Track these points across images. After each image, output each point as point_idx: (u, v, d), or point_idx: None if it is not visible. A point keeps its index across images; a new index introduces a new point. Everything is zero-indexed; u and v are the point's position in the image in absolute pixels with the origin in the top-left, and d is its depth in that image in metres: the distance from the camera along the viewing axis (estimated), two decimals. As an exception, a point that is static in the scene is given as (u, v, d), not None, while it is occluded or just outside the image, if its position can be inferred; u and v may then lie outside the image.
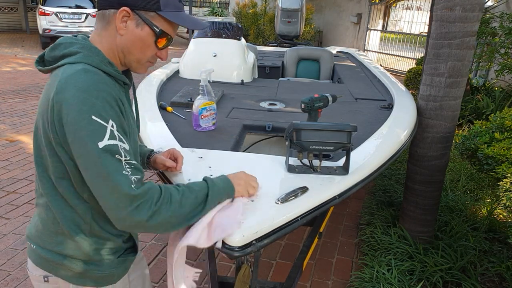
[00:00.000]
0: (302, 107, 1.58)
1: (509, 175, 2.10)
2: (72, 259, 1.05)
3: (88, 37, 1.04)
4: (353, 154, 1.59)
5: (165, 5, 0.99)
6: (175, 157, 1.32)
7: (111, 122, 0.90)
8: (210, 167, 1.45)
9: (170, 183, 1.32)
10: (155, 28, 0.99)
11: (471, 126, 3.70)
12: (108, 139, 0.89)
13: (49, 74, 1.01)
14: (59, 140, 0.93)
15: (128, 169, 0.92)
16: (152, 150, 1.35)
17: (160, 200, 0.94)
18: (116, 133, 0.91)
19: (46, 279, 1.10)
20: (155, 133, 1.78)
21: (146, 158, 1.32)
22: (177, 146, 1.62)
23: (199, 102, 1.83)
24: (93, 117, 0.88)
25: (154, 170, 1.36)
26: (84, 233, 1.03)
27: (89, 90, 0.89)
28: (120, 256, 1.11)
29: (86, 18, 11.11)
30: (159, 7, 0.98)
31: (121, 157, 0.91)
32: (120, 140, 0.91)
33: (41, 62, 1.03)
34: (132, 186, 0.91)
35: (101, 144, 0.88)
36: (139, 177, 0.94)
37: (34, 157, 1.03)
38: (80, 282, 1.08)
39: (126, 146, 0.93)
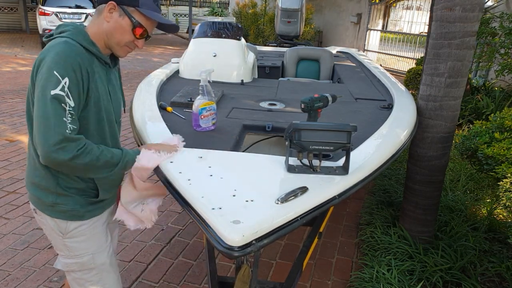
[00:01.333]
0: (302, 107, 1.58)
1: (509, 175, 2.10)
2: (45, 192, 1.35)
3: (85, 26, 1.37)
4: (353, 154, 1.59)
5: (143, 4, 1.31)
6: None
7: (66, 79, 1.17)
8: (210, 167, 1.45)
9: (176, 191, 1.34)
10: (132, 19, 1.30)
11: (471, 126, 3.70)
12: (60, 90, 1.16)
13: None
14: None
15: (69, 118, 1.18)
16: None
17: (82, 148, 1.20)
18: (66, 89, 1.17)
19: (35, 211, 1.43)
20: (155, 133, 1.78)
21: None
22: None
23: (199, 102, 1.83)
24: (54, 71, 1.16)
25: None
26: (51, 170, 1.32)
27: (61, 54, 1.19)
28: (85, 197, 1.39)
29: (86, 18, 11.09)
30: (138, 4, 1.30)
31: (66, 106, 1.17)
32: (67, 96, 1.18)
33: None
34: (67, 130, 1.16)
35: (52, 92, 1.16)
36: (75, 127, 1.20)
37: (26, 113, 1.32)
38: (53, 214, 1.37)
39: (71, 103, 1.19)
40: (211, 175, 1.38)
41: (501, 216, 3.01)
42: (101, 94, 1.32)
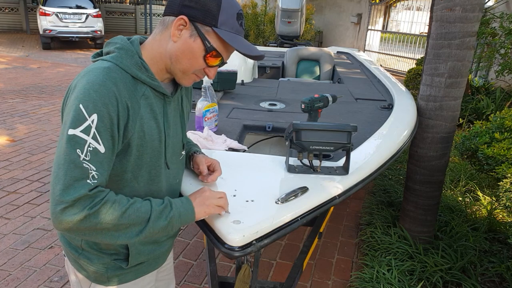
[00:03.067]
0: (302, 107, 1.58)
1: (509, 175, 2.10)
2: (69, 243, 1.10)
3: (146, 38, 1.07)
4: (353, 154, 1.59)
5: (222, 23, 0.98)
6: (213, 169, 1.27)
7: (94, 117, 0.89)
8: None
9: None
10: (206, 42, 0.99)
11: (471, 126, 3.70)
12: (81, 131, 0.88)
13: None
14: None
15: (91, 166, 0.89)
16: (198, 150, 1.33)
17: (101, 202, 0.90)
18: (93, 129, 0.89)
19: (64, 256, 1.18)
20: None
21: (190, 155, 1.30)
22: None
23: (202, 104, 1.83)
24: (81, 105, 0.89)
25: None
26: None
27: (93, 83, 0.90)
28: (114, 259, 1.09)
29: (86, 18, 11.12)
30: (216, 23, 0.98)
31: (81, 154, 0.88)
32: (94, 138, 0.89)
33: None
34: (80, 183, 0.87)
35: (71, 132, 0.88)
36: (99, 180, 0.91)
37: None
38: (76, 267, 1.12)
39: (100, 148, 0.90)
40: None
41: (501, 216, 3.01)
42: (148, 134, 1.00)
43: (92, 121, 0.89)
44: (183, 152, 1.20)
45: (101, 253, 1.08)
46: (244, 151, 1.71)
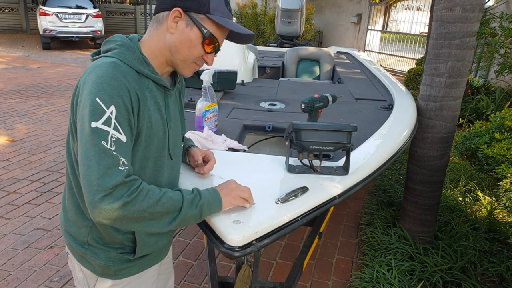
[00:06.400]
0: (302, 107, 1.58)
1: (509, 175, 2.10)
2: (76, 239, 1.11)
3: (142, 36, 1.10)
4: (353, 154, 1.59)
5: (214, 9, 1.04)
6: (208, 159, 1.33)
7: (112, 108, 0.92)
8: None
9: None
10: (203, 29, 1.04)
11: (471, 126, 3.70)
12: (102, 123, 0.91)
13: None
14: (75, 120, 0.97)
15: (119, 155, 0.92)
16: (193, 144, 1.39)
17: (137, 190, 0.93)
18: (113, 120, 0.92)
19: (68, 255, 1.19)
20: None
21: (186, 150, 1.36)
22: None
23: (202, 104, 1.83)
24: (97, 99, 0.91)
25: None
26: (84, 215, 1.08)
27: (104, 77, 0.93)
28: (121, 252, 1.11)
29: (86, 18, 11.12)
30: (209, 10, 1.03)
31: (107, 144, 0.91)
32: (115, 128, 0.93)
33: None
34: (114, 171, 0.90)
35: (93, 124, 0.91)
36: (128, 167, 0.94)
37: (65, 144, 1.09)
38: (82, 263, 1.13)
39: (122, 138, 0.93)
40: (211, 175, 1.38)
41: (501, 216, 3.01)
42: (154, 125, 1.04)
43: (111, 113, 0.92)
44: (182, 144, 1.25)
45: (107, 247, 1.10)
46: (244, 151, 1.71)
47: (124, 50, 1.01)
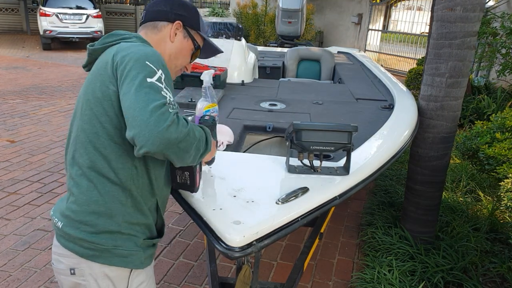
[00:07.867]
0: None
1: (510, 175, 2.10)
2: (98, 234, 1.06)
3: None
4: (353, 154, 1.58)
5: (202, 28, 1.29)
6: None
7: (160, 71, 1.02)
8: (210, 167, 1.45)
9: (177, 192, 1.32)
10: (195, 42, 1.27)
11: (472, 126, 3.70)
12: (156, 80, 0.99)
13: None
14: (117, 91, 1.03)
15: (170, 102, 0.98)
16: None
17: (176, 115, 0.97)
18: (163, 79, 1.01)
19: (72, 271, 1.09)
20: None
21: None
22: None
23: (202, 104, 1.82)
24: (147, 62, 1.01)
25: None
26: (122, 191, 1.07)
27: (145, 50, 1.05)
28: (146, 236, 1.15)
29: (86, 19, 11.13)
30: (199, 28, 1.28)
31: (166, 95, 0.98)
32: (166, 88, 1.00)
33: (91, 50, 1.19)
34: (165, 100, 0.96)
35: (149, 80, 0.98)
36: (171, 111, 0.98)
37: (75, 135, 1.10)
38: (110, 261, 1.08)
39: (170, 94, 1.01)
40: (211, 176, 1.38)
41: (502, 216, 3.00)
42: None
43: (161, 74, 1.02)
44: None
45: (136, 232, 1.11)
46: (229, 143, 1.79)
47: (144, 42, 1.16)
